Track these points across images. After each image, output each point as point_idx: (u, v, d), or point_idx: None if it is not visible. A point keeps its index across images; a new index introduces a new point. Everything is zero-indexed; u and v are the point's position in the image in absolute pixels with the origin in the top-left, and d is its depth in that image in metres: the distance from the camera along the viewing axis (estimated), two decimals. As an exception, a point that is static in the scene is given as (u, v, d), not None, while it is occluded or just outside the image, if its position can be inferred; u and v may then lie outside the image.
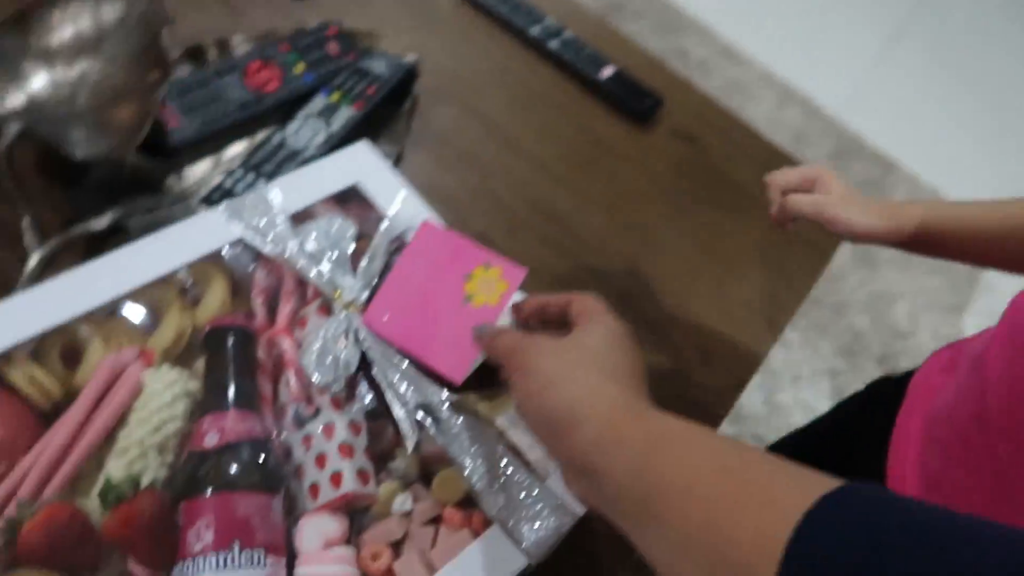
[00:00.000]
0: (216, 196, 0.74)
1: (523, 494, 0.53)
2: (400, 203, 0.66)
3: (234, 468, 0.50)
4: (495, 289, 0.54)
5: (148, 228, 0.70)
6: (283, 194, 0.64)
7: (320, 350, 0.54)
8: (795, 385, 1.96)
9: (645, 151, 0.97)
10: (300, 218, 0.65)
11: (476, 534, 0.54)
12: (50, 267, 0.64)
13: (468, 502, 0.55)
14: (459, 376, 0.52)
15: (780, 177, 0.74)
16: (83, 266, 0.58)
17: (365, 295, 0.60)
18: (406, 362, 0.56)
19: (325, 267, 0.59)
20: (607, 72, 1.00)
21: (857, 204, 0.68)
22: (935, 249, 0.69)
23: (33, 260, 0.63)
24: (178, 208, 0.73)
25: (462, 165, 0.87)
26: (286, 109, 0.82)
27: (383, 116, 0.86)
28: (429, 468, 0.57)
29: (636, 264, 0.86)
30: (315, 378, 0.53)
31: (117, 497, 0.46)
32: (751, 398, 1.92)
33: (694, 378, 0.79)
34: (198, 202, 0.73)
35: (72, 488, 0.50)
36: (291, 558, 0.50)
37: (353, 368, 0.55)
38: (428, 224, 0.57)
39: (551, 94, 0.99)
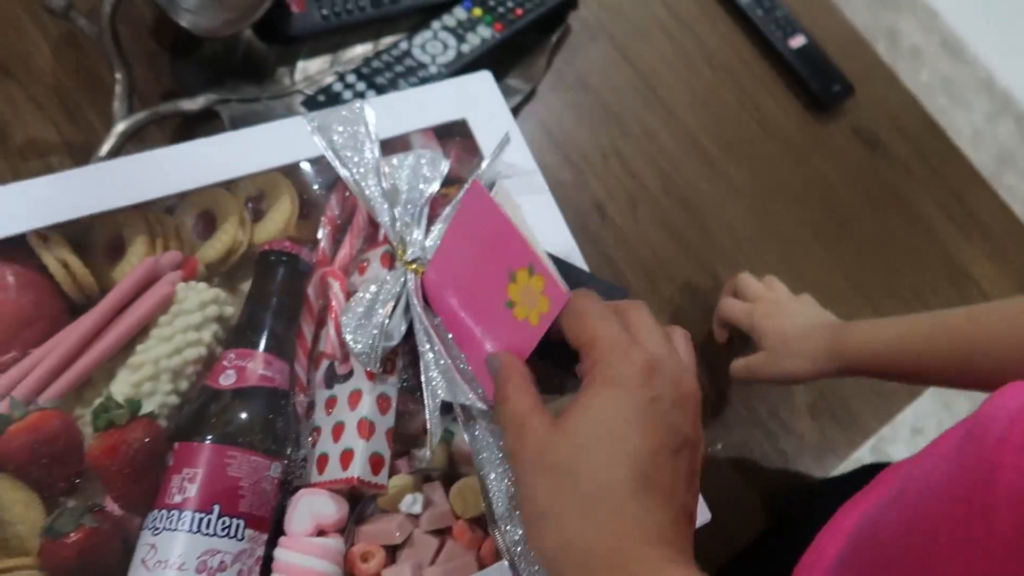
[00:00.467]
0: (321, 99, 0.67)
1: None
2: (504, 150, 0.57)
3: (240, 419, 0.45)
4: (536, 306, 0.40)
5: (242, 120, 0.64)
6: (380, 114, 0.56)
7: (365, 311, 0.47)
8: (916, 438, 1.74)
9: (815, 146, 0.81)
10: (392, 147, 0.58)
11: (482, 564, 0.46)
12: (132, 142, 0.60)
13: (484, 521, 0.48)
14: (492, 392, 0.43)
15: (725, 315, 0.67)
16: (149, 152, 0.52)
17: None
18: (445, 351, 0.47)
19: (399, 211, 0.52)
20: (796, 42, 0.84)
21: (788, 354, 0.61)
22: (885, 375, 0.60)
23: (116, 130, 0.59)
24: (278, 104, 0.67)
25: (598, 118, 0.76)
26: (421, 17, 0.74)
27: (524, 45, 0.75)
28: (458, 469, 0.50)
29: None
30: (350, 344, 0.46)
31: (109, 421, 0.42)
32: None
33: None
34: (301, 102, 0.67)
35: (76, 395, 0.46)
36: (276, 531, 0.45)
37: (395, 341, 0.47)
38: (478, 185, 0.43)
39: (724, 55, 0.84)
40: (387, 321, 0.47)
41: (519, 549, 0.45)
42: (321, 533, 0.46)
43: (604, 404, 0.33)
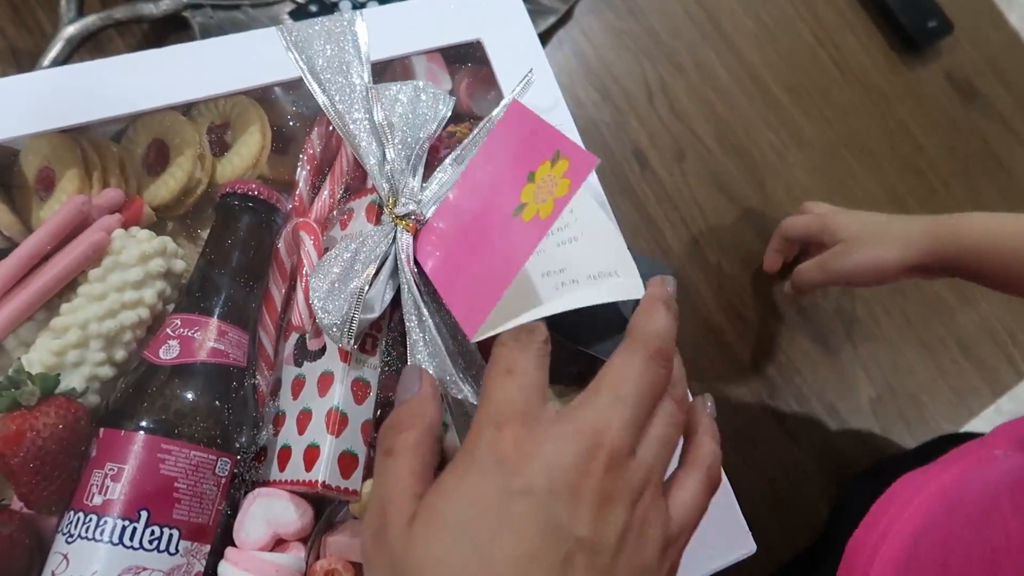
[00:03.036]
0: (314, 9, 0.57)
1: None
2: (529, 83, 0.46)
3: (180, 403, 0.36)
4: (552, 191, 0.32)
5: (218, 30, 0.54)
6: (376, 30, 0.45)
7: (340, 274, 0.38)
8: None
9: (901, 94, 0.69)
10: (390, 72, 0.47)
11: (473, 595, 0.38)
12: (86, 52, 0.51)
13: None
14: (471, 329, 0.33)
15: (788, 229, 0.58)
16: (91, 63, 0.43)
17: (432, 211, 0.41)
18: (435, 328, 0.38)
19: (391, 153, 0.41)
20: (889, -34, 0.71)
21: (871, 237, 0.52)
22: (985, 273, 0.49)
23: (63, 35, 0.49)
24: (262, 14, 0.56)
25: (645, 49, 0.64)
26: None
27: (560, -46, 0.63)
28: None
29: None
30: (318, 314, 0.37)
31: (12, 401, 0.34)
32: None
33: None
34: (289, 12, 0.57)
35: (-15, 360, 0.38)
36: (223, 542, 0.37)
37: (375, 313, 0.38)
38: (519, 105, 0.35)
39: (799, -21, 0.71)
40: (367, 288, 0.37)
41: None
42: (279, 543, 0.38)
43: (464, 498, 0.25)
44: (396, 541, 0.25)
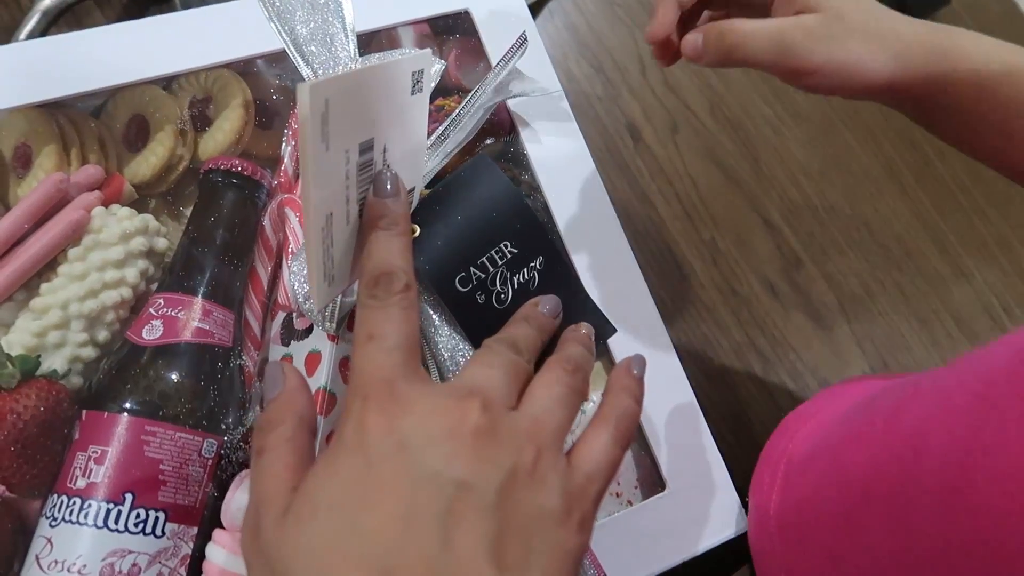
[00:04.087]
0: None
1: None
2: (520, 54, 0.45)
3: (164, 384, 0.36)
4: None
5: (195, 1, 0.52)
6: (360, 0, 0.44)
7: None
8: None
9: (899, 65, 0.68)
10: (376, 44, 0.46)
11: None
12: (65, 25, 0.49)
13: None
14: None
15: None
16: (68, 35, 0.42)
17: (425, 182, 0.41)
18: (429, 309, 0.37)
19: (378, 128, 0.40)
20: (887, -66, 0.69)
21: (861, 27, 0.34)
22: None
23: (39, 7, 0.48)
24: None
25: (638, 19, 0.63)
26: None
27: (551, -77, 0.62)
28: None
29: (830, 222, 0.61)
30: (297, 295, 0.36)
31: (-10, 383, 0.33)
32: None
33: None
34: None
35: (-38, 342, 0.37)
36: (211, 523, 0.36)
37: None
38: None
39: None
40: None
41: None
42: (268, 524, 0.38)
43: (332, 478, 0.23)
44: (270, 538, 0.23)
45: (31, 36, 0.47)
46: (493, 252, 0.35)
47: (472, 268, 0.35)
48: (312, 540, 0.22)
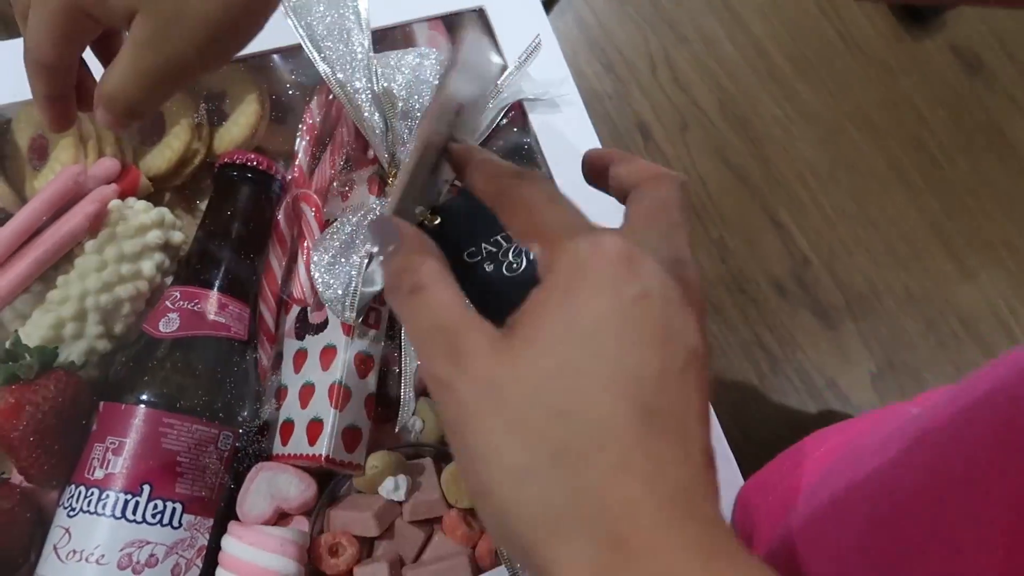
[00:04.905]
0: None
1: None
2: (536, 50, 0.45)
3: (182, 377, 0.36)
4: None
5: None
6: (376, -3, 0.44)
7: (341, 246, 0.37)
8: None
9: (906, 67, 0.68)
10: (391, 40, 0.46)
11: (476, 566, 0.38)
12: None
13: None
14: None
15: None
16: (84, 29, 0.42)
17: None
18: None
19: (393, 123, 0.41)
20: (896, -65, 0.69)
21: None
22: None
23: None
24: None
25: (648, 18, 0.63)
26: None
27: (563, -80, 0.62)
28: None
29: (838, 222, 0.61)
30: (320, 286, 0.36)
31: (11, 374, 0.33)
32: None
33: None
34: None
35: (-20, 333, 0.37)
36: (226, 516, 0.37)
37: (378, 287, 0.38)
38: None
39: (804, -52, 0.70)
40: (369, 264, 0.37)
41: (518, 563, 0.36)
42: (283, 517, 0.38)
43: (578, 309, 0.22)
44: (488, 362, 0.22)
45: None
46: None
47: (484, 244, 0.35)
48: (561, 363, 0.21)
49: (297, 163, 0.43)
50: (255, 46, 0.43)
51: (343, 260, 0.37)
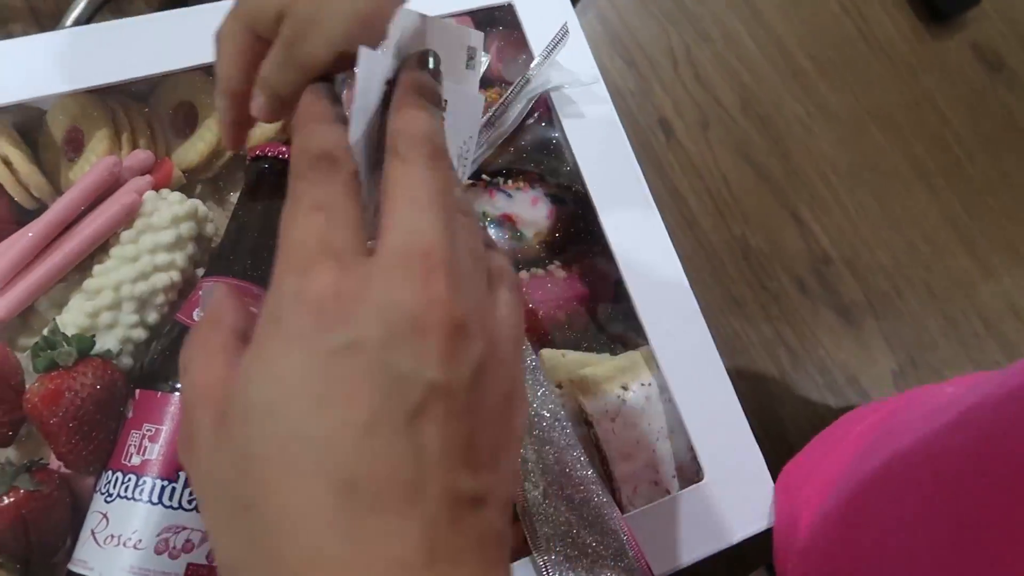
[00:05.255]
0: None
1: (592, 535, 0.37)
2: (562, 45, 0.45)
3: (216, 366, 0.36)
4: None
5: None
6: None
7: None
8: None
9: (927, 66, 0.68)
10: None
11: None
12: (109, 12, 0.50)
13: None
14: None
15: None
16: (117, 22, 0.42)
17: (471, 169, 0.41)
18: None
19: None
20: (919, -66, 0.69)
21: None
22: None
23: (85, -4, 0.48)
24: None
25: (670, 15, 0.63)
26: None
27: (586, -82, 0.62)
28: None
29: (859, 220, 0.61)
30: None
31: (51, 361, 0.34)
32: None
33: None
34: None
35: (20, 323, 0.38)
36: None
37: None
38: None
39: (826, -53, 0.70)
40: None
41: (551, 555, 0.36)
42: (313, 506, 0.38)
43: (262, 375, 0.19)
44: (209, 445, 0.19)
45: (77, 23, 0.48)
46: None
47: None
48: (244, 445, 0.18)
49: (327, 156, 0.44)
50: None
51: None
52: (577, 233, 0.47)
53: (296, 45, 0.25)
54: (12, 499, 0.33)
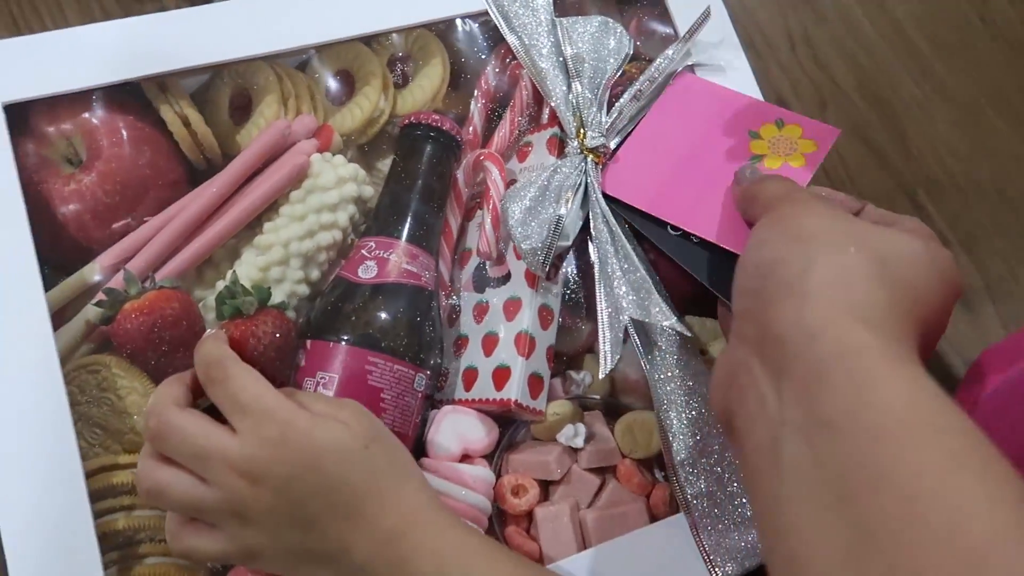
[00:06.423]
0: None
1: (738, 497, 0.38)
2: (705, 21, 0.46)
3: (382, 319, 0.38)
4: (798, 148, 0.41)
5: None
6: (551, -33, 0.46)
7: (534, 200, 0.39)
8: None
9: (1052, 49, 0.67)
10: (562, 8, 0.47)
11: (653, 516, 0.39)
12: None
13: (656, 462, 0.41)
14: (738, 244, 0.37)
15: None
16: (282, -7, 0.44)
17: (616, 142, 0.42)
18: (637, 259, 0.39)
19: (577, 87, 0.42)
20: (1043, -85, 0.68)
21: None
22: None
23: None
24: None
25: (786, -4, 0.63)
26: None
27: None
28: (620, 398, 0.42)
29: (976, 203, 0.61)
30: (518, 238, 0.38)
31: (235, 309, 0.36)
32: None
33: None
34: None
35: (196, 275, 0.40)
36: (417, 453, 0.39)
37: (569, 241, 0.39)
38: (688, 75, 0.44)
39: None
40: (565, 215, 0.38)
41: (703, 504, 0.37)
42: (465, 458, 0.40)
43: (914, 238, 0.31)
44: (791, 223, 0.30)
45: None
46: None
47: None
48: (841, 234, 0.30)
49: (472, 125, 0.45)
50: (440, 11, 0.45)
51: (534, 215, 0.39)
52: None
53: None
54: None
